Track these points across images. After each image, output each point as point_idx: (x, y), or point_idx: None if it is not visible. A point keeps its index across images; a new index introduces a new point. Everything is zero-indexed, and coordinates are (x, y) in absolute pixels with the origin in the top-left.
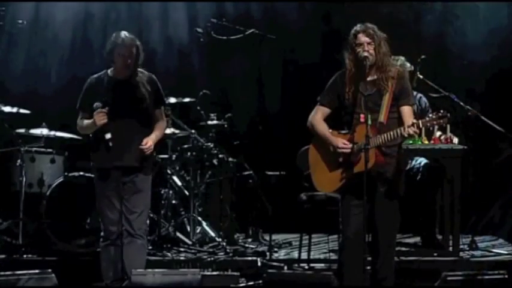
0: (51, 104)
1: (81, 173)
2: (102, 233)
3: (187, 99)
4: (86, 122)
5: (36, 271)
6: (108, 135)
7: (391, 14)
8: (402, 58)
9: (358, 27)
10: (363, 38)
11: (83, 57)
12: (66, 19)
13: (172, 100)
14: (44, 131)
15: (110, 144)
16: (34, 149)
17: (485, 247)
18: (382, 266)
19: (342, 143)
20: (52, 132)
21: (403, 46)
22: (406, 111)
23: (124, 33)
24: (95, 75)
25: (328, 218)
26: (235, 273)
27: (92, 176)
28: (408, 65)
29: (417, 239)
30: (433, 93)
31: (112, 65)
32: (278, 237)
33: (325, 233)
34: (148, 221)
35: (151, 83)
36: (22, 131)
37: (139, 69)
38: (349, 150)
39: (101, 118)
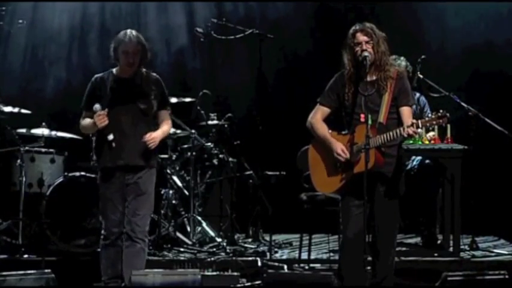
0: (50, 104)
1: (81, 173)
2: (103, 232)
3: (187, 99)
4: (87, 122)
5: (36, 271)
6: (110, 136)
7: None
8: (402, 58)
9: (356, 26)
10: (361, 37)
11: (81, 57)
12: (64, 19)
13: (173, 100)
14: (44, 131)
15: (113, 144)
16: (34, 149)
17: (487, 247)
18: (382, 266)
19: (340, 149)
20: (52, 132)
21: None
22: (406, 111)
23: (130, 31)
24: (99, 75)
25: (329, 218)
26: (235, 274)
27: (92, 176)
28: (403, 63)
29: (418, 239)
30: (434, 93)
31: (117, 63)
32: (278, 238)
33: (326, 233)
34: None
35: (157, 84)
36: (22, 130)
37: (144, 70)
38: (344, 159)
39: (101, 120)
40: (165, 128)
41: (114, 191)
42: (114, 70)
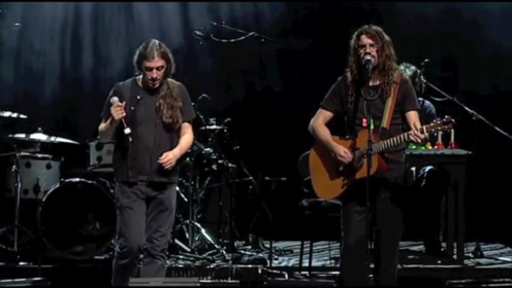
0: (46, 108)
1: (78, 179)
2: (119, 249)
3: None
4: (105, 123)
5: (32, 279)
6: (127, 130)
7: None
8: (407, 64)
9: (361, 28)
10: (365, 40)
11: (77, 61)
12: (58, 22)
13: None
14: (40, 136)
15: (130, 139)
16: (30, 154)
17: (493, 255)
18: (385, 274)
19: (343, 151)
20: (49, 138)
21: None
22: (412, 116)
23: (154, 43)
24: (122, 83)
25: (330, 224)
26: (234, 281)
27: (89, 182)
28: (408, 71)
29: (421, 246)
30: (437, 97)
31: (140, 73)
32: (279, 245)
33: (327, 240)
34: None
35: (182, 95)
36: (18, 136)
37: (169, 80)
38: (348, 161)
39: (118, 112)
40: (183, 144)
41: (134, 201)
42: (137, 79)
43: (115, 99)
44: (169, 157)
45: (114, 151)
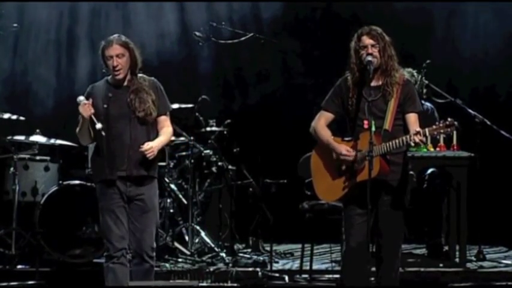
0: (44, 110)
1: (77, 182)
2: (106, 253)
3: (185, 105)
4: (79, 125)
5: (30, 282)
6: (98, 125)
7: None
8: (409, 69)
9: (362, 29)
10: (367, 40)
11: (74, 62)
12: (55, 24)
13: (173, 106)
14: (38, 138)
15: (103, 133)
16: (28, 156)
17: (496, 258)
18: (386, 277)
19: (345, 149)
20: (48, 140)
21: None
22: (412, 118)
23: (115, 36)
24: (94, 84)
25: (331, 227)
26: (234, 285)
27: (88, 184)
28: (406, 74)
29: (423, 249)
30: (439, 99)
31: (108, 71)
32: (279, 248)
33: (328, 243)
34: None
35: (154, 88)
36: (16, 138)
37: (140, 75)
38: (352, 158)
39: (86, 110)
40: (163, 136)
41: (115, 202)
42: (108, 78)
43: (81, 98)
44: (150, 145)
45: (92, 153)
